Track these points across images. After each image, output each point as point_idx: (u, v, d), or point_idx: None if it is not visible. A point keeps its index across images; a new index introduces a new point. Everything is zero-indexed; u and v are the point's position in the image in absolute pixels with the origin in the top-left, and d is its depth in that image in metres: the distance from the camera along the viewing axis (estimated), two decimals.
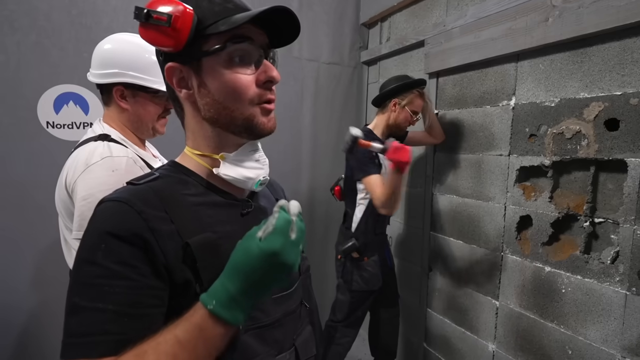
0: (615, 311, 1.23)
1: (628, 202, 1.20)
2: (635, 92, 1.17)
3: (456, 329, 1.90)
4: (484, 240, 1.74)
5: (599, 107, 1.27)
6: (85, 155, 0.95)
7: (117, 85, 1.02)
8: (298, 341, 0.66)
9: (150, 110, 1.06)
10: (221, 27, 0.53)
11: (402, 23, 2.27)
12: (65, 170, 0.99)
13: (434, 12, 2.01)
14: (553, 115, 1.42)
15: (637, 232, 1.17)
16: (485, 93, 1.72)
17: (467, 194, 1.82)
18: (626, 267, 1.20)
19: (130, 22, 1.92)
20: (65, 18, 1.80)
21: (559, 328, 1.40)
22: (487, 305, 1.72)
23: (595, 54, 1.28)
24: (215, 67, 0.55)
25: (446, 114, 1.94)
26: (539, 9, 1.39)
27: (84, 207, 0.90)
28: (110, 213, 0.53)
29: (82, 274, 0.50)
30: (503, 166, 1.63)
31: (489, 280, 1.70)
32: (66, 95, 1.84)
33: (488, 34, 1.61)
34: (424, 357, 2.12)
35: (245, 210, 0.62)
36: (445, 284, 1.97)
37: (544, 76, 1.45)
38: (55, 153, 1.86)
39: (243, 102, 0.56)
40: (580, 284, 1.34)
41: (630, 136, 1.19)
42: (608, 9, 1.18)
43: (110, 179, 0.91)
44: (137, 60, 1.01)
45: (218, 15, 0.54)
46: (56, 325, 2.16)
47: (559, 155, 1.40)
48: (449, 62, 1.84)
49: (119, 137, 1.04)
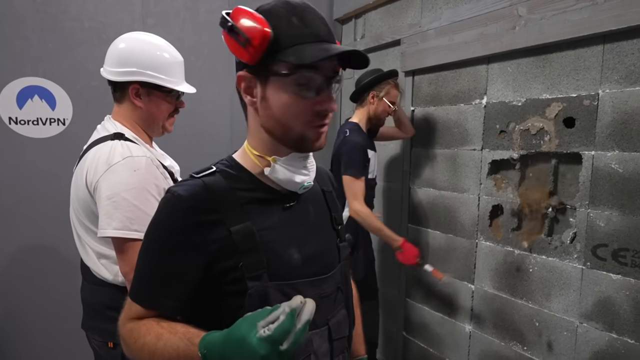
0: (574, 284, 1.52)
1: (583, 190, 1.49)
2: (587, 95, 1.46)
3: (434, 315, 2.15)
4: (459, 229, 2.00)
5: (559, 107, 1.55)
6: (106, 155, 1.03)
7: (133, 84, 1.10)
8: (332, 321, 0.76)
9: (162, 109, 1.16)
10: (290, 58, 0.61)
11: (377, 21, 2.49)
12: (85, 169, 1.06)
13: (409, 12, 2.24)
14: (520, 113, 1.69)
15: (590, 214, 1.47)
16: (459, 92, 1.97)
17: (444, 187, 2.08)
18: (582, 245, 1.49)
19: (101, 11, 1.94)
20: (29, 5, 1.80)
21: (528, 304, 1.69)
22: (463, 289, 1.98)
23: (555, 60, 1.56)
24: (279, 87, 0.65)
25: (422, 110, 2.18)
26: (507, 18, 1.65)
27: (109, 205, 0.99)
28: (166, 206, 0.69)
29: (144, 246, 0.70)
30: (476, 160, 1.89)
31: (465, 266, 1.97)
32: (30, 89, 1.83)
33: (462, 37, 1.86)
34: (403, 345, 2.36)
35: (288, 204, 0.74)
36: (423, 273, 2.22)
37: (511, 78, 1.72)
38: (18, 151, 1.85)
39: (298, 123, 0.66)
40: (545, 262, 1.62)
41: (584, 132, 1.48)
42: (565, 22, 1.46)
43: (132, 178, 1.01)
44: (154, 60, 1.11)
45: (293, 41, 0.62)
46: (21, 334, 2.16)
47: (526, 149, 1.68)
48: (425, 61, 2.08)
49: (132, 136, 1.11)
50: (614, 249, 1.40)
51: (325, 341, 0.75)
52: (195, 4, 2.20)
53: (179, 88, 1.16)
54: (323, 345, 0.75)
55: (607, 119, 1.41)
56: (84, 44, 1.91)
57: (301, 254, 0.72)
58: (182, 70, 1.21)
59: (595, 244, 1.45)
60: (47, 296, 1.91)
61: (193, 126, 2.17)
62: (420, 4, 2.15)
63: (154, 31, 2.10)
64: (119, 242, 1.00)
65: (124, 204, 0.99)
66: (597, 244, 1.45)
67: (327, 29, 0.68)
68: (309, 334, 0.70)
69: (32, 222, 1.88)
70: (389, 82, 1.95)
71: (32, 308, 1.90)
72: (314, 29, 0.64)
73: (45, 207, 1.86)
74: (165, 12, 2.12)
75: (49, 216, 1.85)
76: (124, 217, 0.98)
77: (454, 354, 2.04)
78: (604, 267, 1.43)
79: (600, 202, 1.44)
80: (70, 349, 1.86)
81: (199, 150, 2.21)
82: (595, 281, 1.45)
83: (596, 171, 1.45)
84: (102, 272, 1.11)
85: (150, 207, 1.02)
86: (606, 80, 1.41)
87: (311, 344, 0.71)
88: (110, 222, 0.98)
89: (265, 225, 0.69)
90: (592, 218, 1.46)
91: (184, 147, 2.18)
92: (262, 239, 0.68)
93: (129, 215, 0.99)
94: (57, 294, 1.89)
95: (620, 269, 1.39)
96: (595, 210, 1.45)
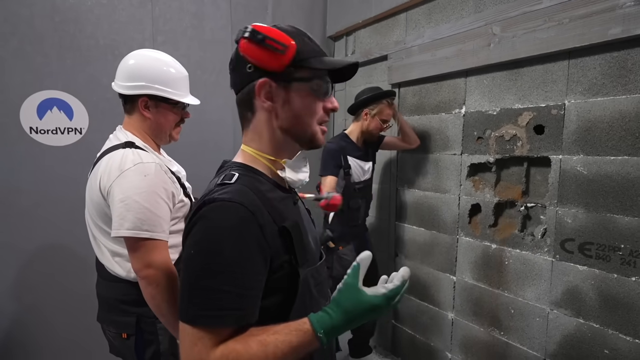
0: (545, 275, 1.54)
1: (552, 190, 1.51)
2: (555, 105, 1.49)
3: (420, 304, 2.16)
4: (442, 226, 2.01)
5: (529, 116, 1.58)
6: (118, 162, 1.03)
7: (142, 97, 1.11)
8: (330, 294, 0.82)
9: (169, 119, 1.16)
10: (315, 64, 0.69)
11: (366, 38, 2.51)
12: (99, 175, 1.06)
13: (395, 30, 2.26)
14: (495, 121, 1.72)
15: (558, 212, 1.49)
16: (440, 102, 1.99)
17: (427, 188, 2.10)
18: (552, 240, 1.52)
19: (114, 30, 1.94)
20: (49, 25, 1.79)
21: (504, 293, 1.71)
22: (445, 281, 2.00)
23: (526, 73, 1.59)
24: (302, 90, 0.70)
25: (407, 119, 2.20)
26: (482, 36, 1.68)
27: (122, 208, 0.99)
28: (228, 214, 0.62)
29: (209, 261, 0.60)
30: (456, 163, 1.91)
31: (447, 260, 1.99)
32: (50, 101, 1.82)
33: (442, 53, 1.88)
34: (393, 332, 2.37)
35: (296, 200, 0.79)
36: (410, 266, 2.22)
37: (487, 90, 1.75)
38: (38, 158, 1.84)
39: (313, 120, 0.72)
40: (519, 256, 1.64)
41: (553, 138, 1.50)
42: (534, 40, 1.49)
43: (142, 182, 1.01)
44: (162, 75, 1.11)
45: (310, 53, 0.69)
46: (42, 327, 2.15)
47: (500, 153, 1.70)
48: (410, 75, 2.10)
49: (141, 144, 1.12)
50: (580, 242, 1.42)
51: None
52: (201, 23, 2.21)
53: (184, 100, 1.16)
54: None
55: (572, 126, 1.44)
56: (99, 60, 1.90)
57: (312, 240, 0.78)
58: (187, 84, 1.21)
59: (563, 238, 1.48)
60: (65, 292, 1.89)
61: (198, 134, 2.17)
62: (405, 23, 2.18)
63: (162, 48, 2.11)
64: (131, 241, 1.00)
65: (136, 206, 0.99)
66: (565, 238, 1.47)
67: None
68: None
69: (51, 223, 1.86)
70: (383, 101, 1.94)
71: (53, 302, 1.88)
72: (319, 48, 0.73)
73: (63, 209, 1.85)
74: (173, 30, 2.12)
75: (66, 218, 1.84)
76: (135, 218, 0.98)
77: (438, 339, 2.05)
78: (572, 259, 1.45)
79: (567, 201, 1.46)
80: (87, 340, 1.84)
81: (204, 157, 2.20)
82: (564, 272, 1.47)
83: (563, 173, 1.47)
84: (115, 269, 1.10)
85: (160, 208, 1.02)
86: (571, 91, 1.44)
87: None
88: (122, 223, 0.98)
89: (294, 220, 0.71)
90: (561, 215, 1.49)
91: (190, 153, 2.17)
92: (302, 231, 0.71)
93: (140, 216, 0.98)
94: (75, 290, 1.87)
95: (586, 260, 1.41)
96: (563, 208, 1.48)
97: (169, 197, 1.06)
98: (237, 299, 0.60)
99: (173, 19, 2.12)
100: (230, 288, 0.59)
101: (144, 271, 0.99)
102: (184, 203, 1.16)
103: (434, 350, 2.08)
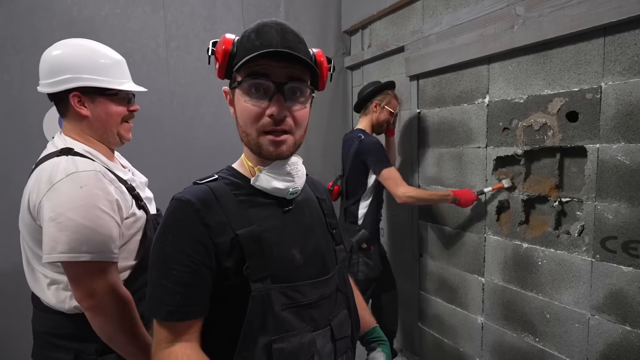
0: (584, 276, 1.40)
1: (589, 182, 1.37)
2: (590, 88, 1.34)
3: (447, 307, 2.05)
4: (468, 224, 1.89)
5: (561, 102, 1.43)
6: (48, 173, 0.86)
7: (72, 92, 0.93)
8: (334, 322, 0.72)
9: (112, 113, 0.98)
10: (238, 64, 0.63)
11: (382, 30, 2.41)
12: (27, 191, 0.89)
13: (412, 20, 2.15)
14: (522, 110, 1.58)
15: (597, 207, 1.34)
16: (462, 92, 1.87)
17: (451, 184, 1.98)
18: (590, 238, 1.37)
19: (128, 38, 1.98)
20: (67, 36, 1.81)
21: (538, 296, 1.57)
22: (474, 282, 1.88)
23: (555, 56, 1.44)
24: (239, 96, 0.66)
25: (428, 112, 2.08)
26: (505, 18, 1.55)
27: (53, 228, 0.82)
28: (175, 210, 0.64)
29: (155, 254, 0.63)
30: (481, 157, 1.79)
31: (475, 260, 1.86)
32: None
33: (462, 40, 1.76)
34: (419, 335, 2.27)
35: (287, 208, 0.72)
36: (435, 267, 2.12)
37: (512, 76, 1.61)
38: None
39: (254, 130, 0.65)
40: (554, 255, 1.50)
41: (588, 125, 1.36)
42: (564, 18, 1.35)
43: (78, 195, 0.84)
44: (90, 62, 0.94)
45: (246, 52, 0.62)
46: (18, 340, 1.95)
47: (529, 145, 1.56)
48: (428, 65, 1.99)
49: (83, 150, 0.94)
50: (624, 241, 1.27)
51: (328, 341, 0.71)
52: (213, 26, 2.20)
53: (122, 87, 0.99)
54: (326, 345, 0.71)
55: (611, 111, 1.29)
56: None
57: (302, 254, 0.70)
58: (124, 69, 1.03)
59: (604, 236, 1.33)
60: None
61: (214, 138, 2.17)
62: (421, 10, 2.07)
63: (176, 53, 2.14)
64: (68, 266, 0.84)
65: (70, 224, 0.82)
66: (606, 236, 1.32)
67: (285, 38, 0.64)
68: (312, 334, 0.68)
69: None
70: (389, 92, 1.95)
71: None
72: (265, 40, 0.63)
73: None
74: (186, 35, 2.13)
75: None
76: (70, 239, 0.82)
77: (468, 344, 1.93)
78: (615, 260, 1.30)
79: (607, 195, 1.31)
80: None
81: (221, 161, 2.19)
82: (606, 273, 1.33)
83: (602, 164, 1.32)
84: (47, 297, 0.93)
85: (102, 224, 0.86)
86: (608, 72, 1.29)
87: (314, 344, 0.68)
88: (55, 246, 0.82)
89: (267, 228, 0.67)
90: (600, 210, 1.34)
91: (208, 156, 2.19)
92: (265, 241, 0.65)
93: (77, 236, 0.82)
94: None
95: (631, 261, 1.26)
96: (602, 202, 1.33)
97: (114, 210, 0.90)
98: (173, 294, 0.61)
99: (185, 23, 2.13)
100: (167, 282, 0.61)
101: (87, 301, 0.85)
102: (136, 217, 0.98)
103: (463, 356, 1.96)
